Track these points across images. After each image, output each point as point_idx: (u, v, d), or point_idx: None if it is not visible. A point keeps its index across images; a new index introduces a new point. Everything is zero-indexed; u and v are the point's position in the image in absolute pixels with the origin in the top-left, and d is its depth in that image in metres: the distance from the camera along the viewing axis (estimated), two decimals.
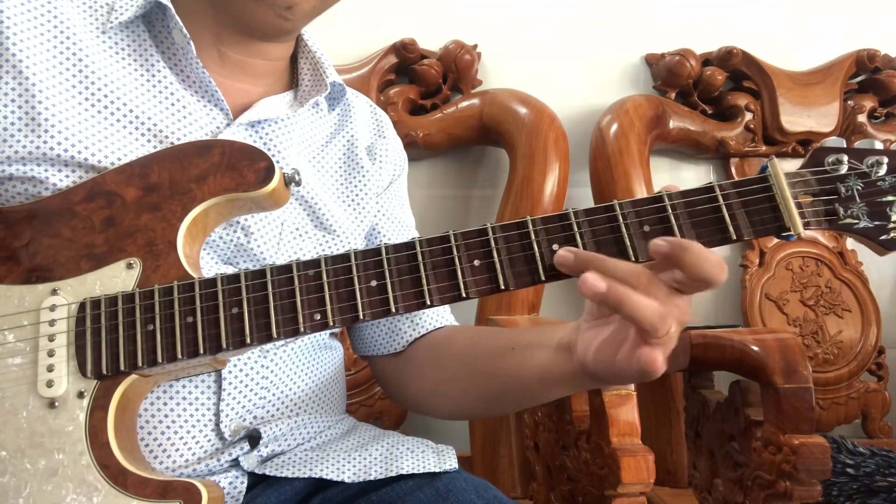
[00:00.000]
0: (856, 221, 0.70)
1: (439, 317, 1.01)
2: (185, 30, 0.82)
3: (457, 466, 0.86)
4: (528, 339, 0.86)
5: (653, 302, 0.64)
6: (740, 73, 1.83)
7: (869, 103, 1.85)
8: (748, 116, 1.81)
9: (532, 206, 1.57)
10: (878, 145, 1.79)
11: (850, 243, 1.82)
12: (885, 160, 0.70)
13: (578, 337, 0.75)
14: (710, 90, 1.82)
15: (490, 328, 1.00)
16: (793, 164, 0.72)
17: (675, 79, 1.79)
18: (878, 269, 1.86)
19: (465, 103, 1.70)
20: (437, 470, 0.84)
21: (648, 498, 1.01)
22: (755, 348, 1.12)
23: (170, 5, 0.82)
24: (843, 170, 0.71)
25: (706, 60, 1.83)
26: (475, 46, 1.73)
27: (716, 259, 0.64)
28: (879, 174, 0.71)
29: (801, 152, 1.78)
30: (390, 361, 1.01)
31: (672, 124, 1.76)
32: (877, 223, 0.70)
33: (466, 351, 0.94)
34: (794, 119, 1.79)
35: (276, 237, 0.86)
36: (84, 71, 0.80)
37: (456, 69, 1.71)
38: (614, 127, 1.69)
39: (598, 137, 1.71)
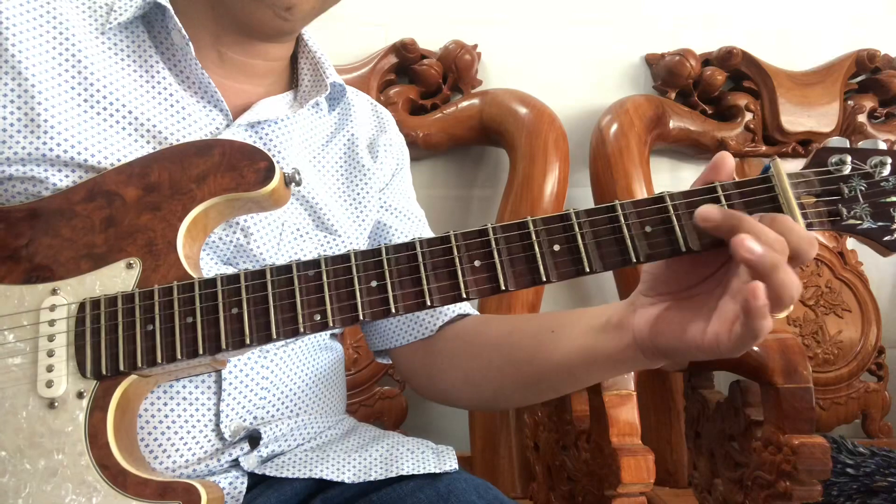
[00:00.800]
0: (859, 222, 0.70)
1: (456, 305, 0.99)
2: (183, 31, 0.82)
3: (457, 467, 0.86)
4: (569, 321, 0.86)
5: (789, 269, 0.63)
6: (740, 73, 1.83)
7: (869, 103, 1.85)
8: (748, 116, 1.81)
9: (532, 206, 1.57)
10: (881, 145, 1.79)
11: (851, 243, 1.82)
12: (889, 160, 0.70)
13: (635, 314, 0.74)
14: (710, 90, 1.82)
15: (525, 315, 0.99)
16: (793, 165, 0.72)
17: (675, 79, 1.79)
18: (878, 269, 1.85)
19: (465, 103, 1.70)
20: (438, 471, 0.84)
21: (648, 498, 1.01)
22: (755, 348, 1.12)
23: (169, 6, 0.82)
24: (847, 170, 0.70)
25: (706, 60, 1.82)
26: (475, 46, 1.73)
27: (805, 233, 0.64)
28: (883, 174, 0.70)
29: (802, 152, 1.78)
30: (418, 353, 1.00)
31: (672, 124, 1.76)
32: (880, 224, 0.70)
33: (502, 338, 0.93)
34: (794, 119, 1.79)
35: (276, 238, 0.86)
36: (83, 72, 0.80)
37: (456, 69, 1.70)
38: (614, 127, 1.69)
39: (598, 137, 1.71)
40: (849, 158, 0.70)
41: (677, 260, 0.71)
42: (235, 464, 0.82)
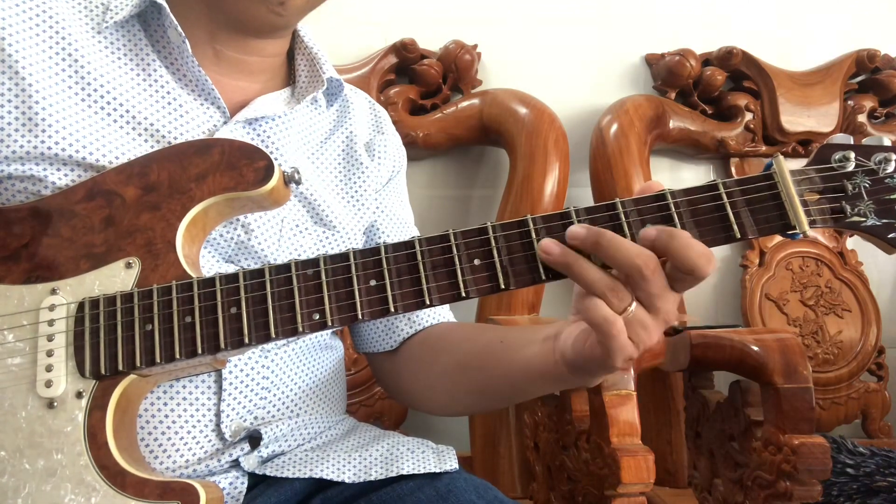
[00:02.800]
0: (863, 219, 0.69)
1: (436, 314, 1.01)
2: (180, 28, 0.82)
3: (457, 467, 0.86)
4: (518, 334, 0.87)
5: (602, 274, 0.66)
6: (740, 73, 1.83)
7: (869, 103, 1.85)
8: (748, 116, 1.81)
9: (532, 206, 1.57)
10: (885, 142, 1.79)
11: (851, 243, 1.82)
12: (893, 157, 0.69)
13: (567, 328, 0.75)
14: (710, 90, 1.82)
15: (485, 325, 1.00)
16: (793, 165, 0.71)
17: (675, 79, 1.79)
18: (878, 269, 1.86)
19: (465, 103, 1.70)
20: (438, 470, 0.84)
21: (648, 498, 1.01)
22: (755, 348, 1.12)
23: (165, 4, 0.82)
24: (850, 167, 0.70)
25: (706, 60, 1.83)
26: (475, 46, 1.73)
27: (702, 248, 0.65)
28: (887, 171, 0.70)
29: (802, 152, 1.79)
30: (387, 358, 1.01)
31: (672, 124, 1.76)
32: (885, 221, 0.69)
33: (459, 346, 0.94)
34: (794, 119, 1.79)
35: (276, 234, 0.86)
36: (80, 71, 0.80)
37: (456, 69, 1.70)
38: (614, 127, 1.69)
39: (598, 137, 1.71)
40: (852, 155, 0.70)
41: None
42: (236, 464, 0.82)
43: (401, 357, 1.00)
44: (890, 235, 0.70)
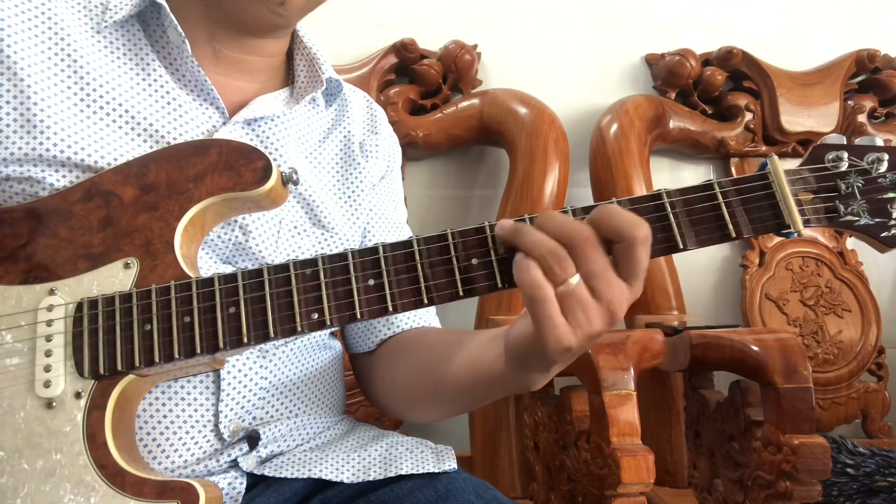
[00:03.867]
0: (856, 218, 0.70)
1: (417, 317, 1.00)
2: (179, 28, 0.82)
3: (456, 467, 0.86)
4: (476, 334, 0.86)
5: (547, 238, 0.64)
6: (740, 73, 1.83)
7: (869, 103, 1.85)
8: (748, 116, 1.81)
9: (532, 206, 1.57)
10: (877, 142, 1.79)
11: (851, 243, 1.82)
12: (886, 157, 0.70)
13: (515, 324, 0.73)
14: (710, 90, 1.82)
15: (451, 329, 0.99)
16: (793, 164, 0.72)
17: (675, 79, 1.79)
18: (878, 269, 1.86)
19: (465, 103, 1.70)
20: (437, 470, 0.84)
21: (648, 498, 1.01)
22: (755, 348, 1.12)
23: (164, 4, 0.82)
24: (844, 167, 0.71)
25: (706, 60, 1.83)
26: (475, 46, 1.73)
27: (629, 214, 0.64)
28: (880, 171, 0.70)
29: (802, 152, 1.78)
30: (365, 360, 1.01)
31: (672, 124, 1.76)
32: (878, 220, 0.70)
33: (424, 348, 0.94)
34: (795, 119, 1.79)
35: (274, 235, 0.86)
36: (79, 71, 0.80)
37: (456, 69, 1.71)
38: (614, 127, 1.69)
39: (598, 137, 1.71)
40: (846, 155, 0.71)
41: None
42: (234, 464, 0.81)
43: (375, 359, 0.99)
44: (883, 234, 0.70)
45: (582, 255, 0.63)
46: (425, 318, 1.02)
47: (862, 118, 1.83)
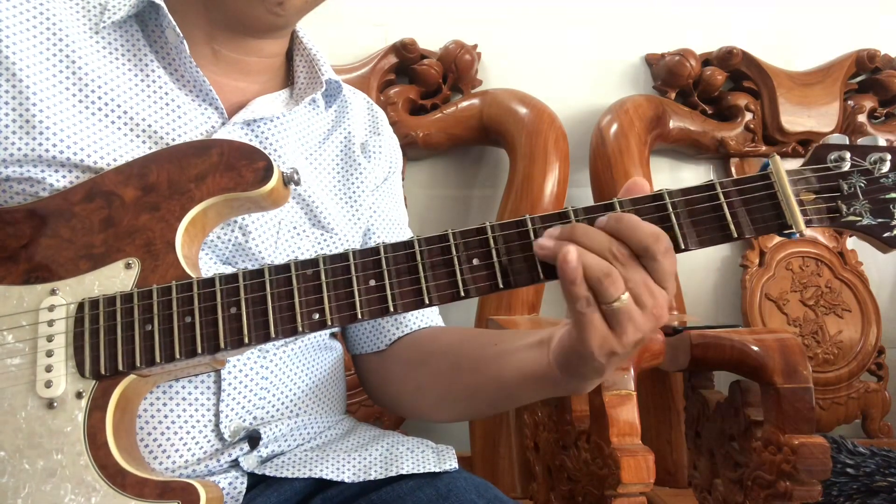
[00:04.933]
0: (858, 219, 0.70)
1: (425, 317, 1.00)
2: (178, 29, 0.82)
3: (457, 466, 0.86)
4: (512, 337, 0.86)
5: (600, 260, 0.66)
6: (740, 73, 1.83)
7: (869, 103, 1.85)
8: (748, 116, 1.81)
9: (532, 206, 1.57)
10: (880, 142, 1.80)
11: (851, 243, 1.82)
12: (889, 157, 0.70)
13: (559, 331, 0.75)
14: (710, 90, 1.82)
15: (478, 329, 1.00)
16: (793, 164, 0.72)
17: (675, 79, 1.79)
18: (878, 269, 1.86)
19: (465, 103, 1.70)
20: (438, 470, 0.84)
21: (648, 498, 1.01)
22: (755, 348, 1.12)
23: (163, 4, 0.82)
24: (846, 167, 0.70)
25: (706, 60, 1.83)
26: (475, 46, 1.73)
27: (651, 227, 0.66)
28: (882, 171, 0.70)
29: (802, 152, 1.79)
30: (373, 360, 1.01)
31: (672, 124, 1.76)
32: (880, 220, 0.70)
33: (451, 348, 0.93)
34: (794, 119, 1.79)
35: (273, 236, 0.86)
36: (78, 72, 0.80)
37: (456, 69, 1.71)
38: (614, 127, 1.69)
39: (598, 137, 1.71)
40: (848, 155, 0.70)
41: None
42: (235, 464, 0.81)
43: (389, 359, 0.99)
44: (885, 235, 0.70)
45: (627, 272, 0.66)
46: (432, 317, 1.02)
47: (862, 118, 1.83)
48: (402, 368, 0.97)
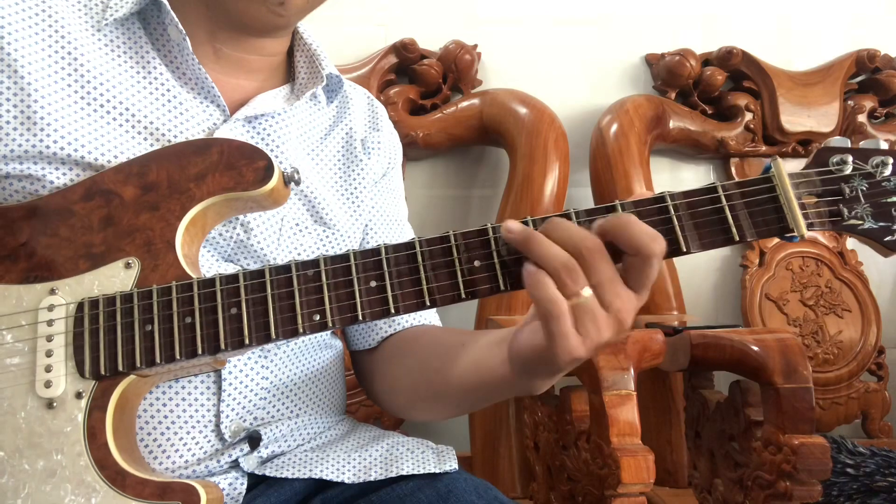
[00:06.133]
0: (860, 222, 0.70)
1: (419, 315, 1.00)
2: (180, 26, 0.82)
3: (457, 467, 0.86)
4: (478, 336, 0.85)
5: (561, 251, 0.64)
6: (740, 73, 1.83)
7: (869, 103, 1.85)
8: (748, 116, 1.81)
9: (532, 206, 1.57)
10: (882, 145, 1.80)
11: (851, 243, 1.82)
12: (891, 160, 0.70)
13: (520, 329, 0.73)
14: (710, 90, 1.82)
15: (453, 329, 0.99)
16: (793, 165, 0.72)
17: (675, 79, 1.79)
18: (878, 269, 1.86)
19: (465, 103, 1.70)
20: (438, 470, 0.84)
21: (648, 498, 1.01)
22: (755, 348, 1.12)
23: (165, 2, 0.81)
24: (848, 170, 0.70)
25: (706, 60, 1.83)
26: (475, 46, 1.73)
27: (646, 227, 0.64)
28: (884, 174, 0.70)
29: (802, 152, 1.79)
30: (365, 357, 1.01)
31: (672, 124, 1.76)
32: (882, 224, 0.70)
33: (424, 347, 0.93)
34: (794, 119, 1.79)
35: (275, 233, 0.86)
36: (79, 69, 0.80)
37: (456, 69, 1.71)
38: (614, 127, 1.69)
39: (598, 137, 1.71)
40: (850, 158, 0.70)
41: None
42: (235, 464, 0.81)
43: (377, 356, 0.99)
44: (887, 238, 0.70)
45: (592, 267, 0.64)
46: (427, 315, 1.02)
47: (862, 118, 1.83)
48: (383, 366, 0.98)
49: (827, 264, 1.79)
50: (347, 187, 0.97)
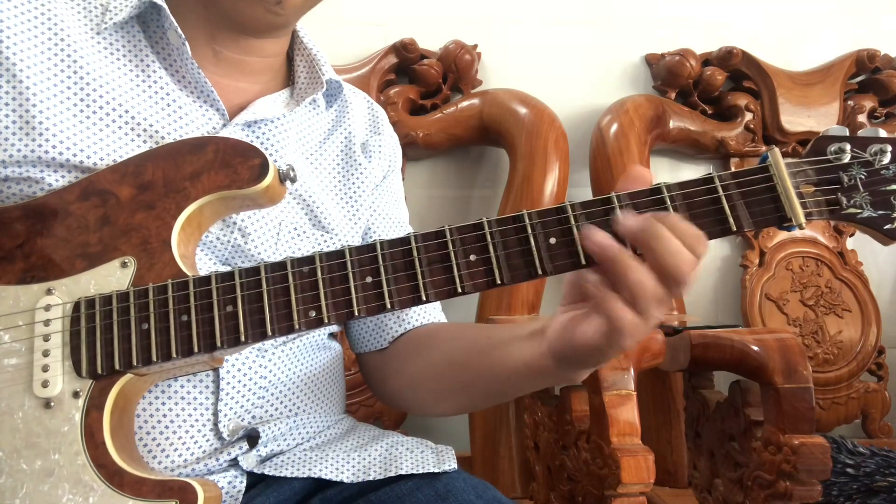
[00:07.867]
0: (859, 211, 0.69)
1: (427, 313, 1.01)
2: (179, 30, 0.82)
3: (456, 467, 0.86)
4: (505, 330, 0.85)
5: (649, 276, 0.64)
6: (740, 73, 1.83)
7: (869, 103, 1.85)
8: (748, 116, 1.81)
9: (532, 205, 1.55)
10: (881, 133, 1.80)
11: (851, 243, 1.82)
12: (889, 148, 0.69)
13: (553, 321, 0.73)
14: (710, 90, 1.82)
15: (475, 324, 1.00)
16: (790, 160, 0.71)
17: (675, 79, 1.79)
18: (878, 269, 1.85)
19: (465, 103, 1.70)
20: (437, 470, 0.84)
21: (648, 498, 1.00)
22: (755, 348, 1.12)
23: (164, 5, 0.82)
24: (846, 159, 0.70)
25: (706, 60, 1.83)
26: (475, 46, 1.73)
27: (689, 256, 0.64)
28: (883, 163, 0.69)
29: (801, 152, 1.78)
30: (376, 358, 1.01)
31: (672, 124, 1.76)
32: (881, 212, 0.69)
33: (446, 343, 0.93)
34: (794, 119, 1.79)
35: (273, 237, 0.86)
36: (79, 73, 0.80)
37: (456, 69, 1.71)
38: (614, 127, 1.69)
39: (598, 137, 1.71)
40: (848, 147, 0.70)
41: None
42: (234, 463, 0.81)
43: (389, 355, 0.99)
44: (886, 227, 0.69)
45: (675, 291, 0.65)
46: (434, 314, 1.02)
47: (862, 118, 1.83)
48: (400, 364, 0.97)
49: (827, 264, 1.79)
50: (346, 191, 0.97)
